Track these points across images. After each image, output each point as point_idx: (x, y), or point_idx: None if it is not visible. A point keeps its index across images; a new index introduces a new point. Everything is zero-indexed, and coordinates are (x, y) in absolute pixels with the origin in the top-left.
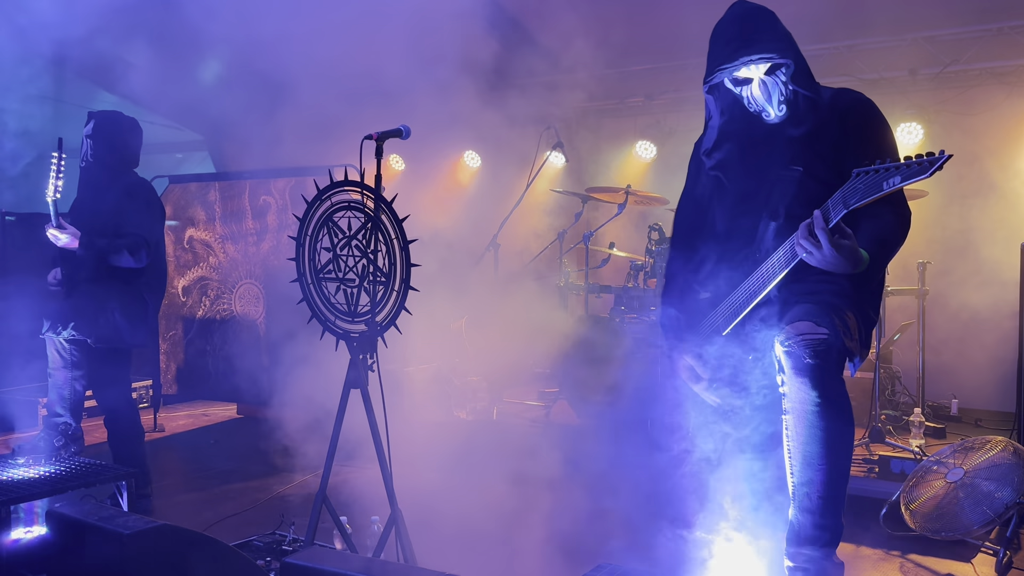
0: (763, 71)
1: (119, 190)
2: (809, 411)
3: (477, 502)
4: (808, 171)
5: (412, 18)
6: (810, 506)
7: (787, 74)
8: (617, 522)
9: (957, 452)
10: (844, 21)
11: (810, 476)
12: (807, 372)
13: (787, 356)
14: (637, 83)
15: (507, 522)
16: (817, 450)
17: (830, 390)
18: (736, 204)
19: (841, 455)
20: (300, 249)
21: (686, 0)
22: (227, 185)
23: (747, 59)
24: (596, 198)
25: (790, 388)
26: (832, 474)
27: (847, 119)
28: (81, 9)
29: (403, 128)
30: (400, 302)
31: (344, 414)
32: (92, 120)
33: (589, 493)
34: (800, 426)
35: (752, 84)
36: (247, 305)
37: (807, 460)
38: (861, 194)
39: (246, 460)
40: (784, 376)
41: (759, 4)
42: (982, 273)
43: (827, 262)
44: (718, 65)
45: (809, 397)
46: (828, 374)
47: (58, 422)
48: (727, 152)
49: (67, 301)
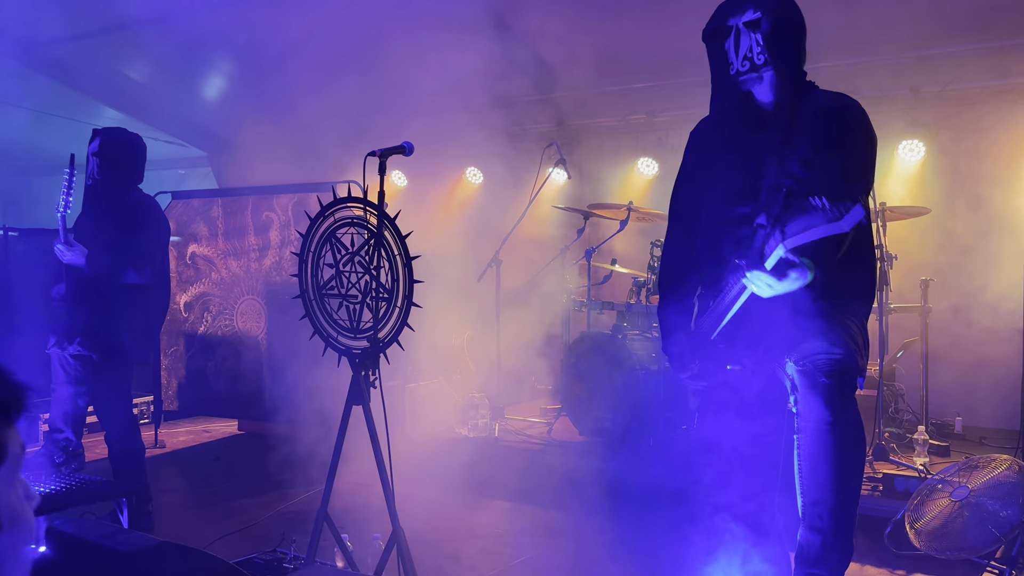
0: (743, 21)
1: (125, 207)
2: (822, 431)
3: (478, 520)
4: (798, 173)
5: (416, 36)
6: (821, 526)
7: (763, 34)
8: (619, 541)
9: (962, 470)
10: (846, 39)
11: (821, 496)
12: (822, 392)
13: (801, 375)
14: (639, 100)
15: (509, 541)
16: (829, 470)
17: (844, 410)
18: (724, 202)
19: (853, 476)
20: (303, 265)
21: (688, 18)
22: (230, 201)
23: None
24: (598, 215)
25: (804, 407)
26: (843, 495)
27: (832, 121)
28: (85, 26)
29: (406, 145)
30: (403, 318)
31: (346, 430)
32: (98, 137)
33: (590, 512)
34: (812, 445)
35: (733, 34)
36: (249, 321)
37: (818, 480)
38: (795, 228)
39: (247, 477)
40: (798, 395)
41: None
42: (985, 290)
43: (772, 291)
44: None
45: (823, 416)
46: (842, 394)
47: (59, 438)
48: (715, 141)
49: (73, 316)
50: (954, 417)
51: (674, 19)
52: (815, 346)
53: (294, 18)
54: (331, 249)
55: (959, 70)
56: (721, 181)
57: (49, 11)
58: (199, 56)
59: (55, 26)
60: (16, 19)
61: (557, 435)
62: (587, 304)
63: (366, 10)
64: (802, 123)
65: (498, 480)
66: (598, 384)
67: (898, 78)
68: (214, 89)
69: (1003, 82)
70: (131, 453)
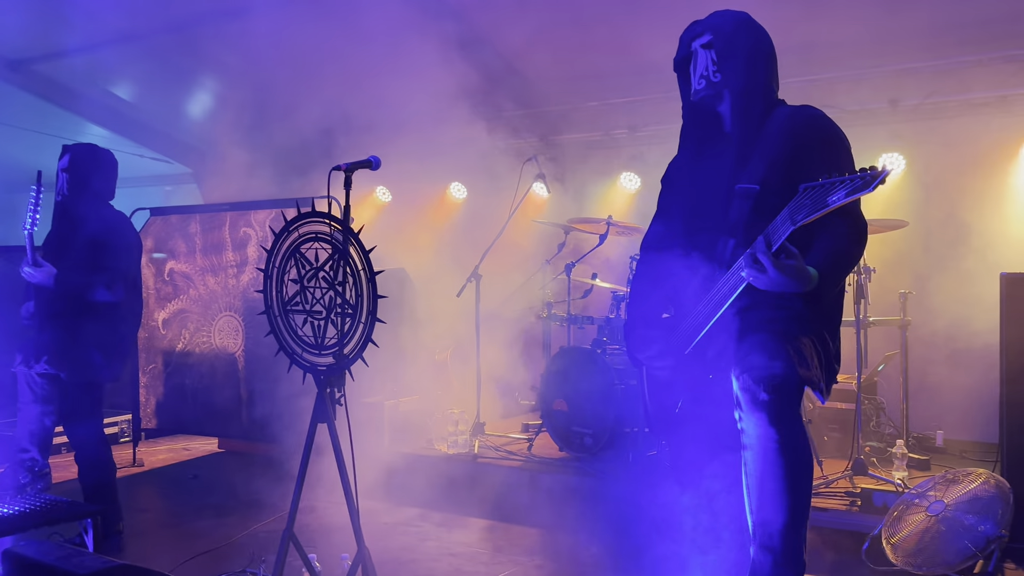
0: (701, 43)
1: (95, 224)
2: (767, 447)
3: (455, 539)
4: (764, 188)
5: (398, 51)
6: (770, 545)
7: (717, 53)
8: (598, 560)
9: (939, 484)
10: (824, 53)
11: (770, 515)
12: (763, 408)
13: (742, 392)
14: (621, 115)
15: (485, 560)
16: (776, 487)
17: (787, 426)
18: (693, 219)
19: (801, 492)
20: (268, 281)
21: (670, 32)
22: (208, 217)
23: (690, 30)
24: (578, 229)
25: (747, 424)
26: (792, 512)
27: (802, 135)
28: (71, 43)
29: (372, 159)
30: (367, 334)
31: (311, 448)
32: (67, 153)
33: (569, 530)
34: (759, 463)
35: (694, 57)
36: (226, 338)
37: (766, 497)
38: (808, 210)
39: (224, 495)
40: (741, 412)
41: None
42: (964, 303)
43: (774, 284)
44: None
45: (767, 433)
46: (784, 409)
47: (24, 458)
48: (683, 164)
49: (41, 335)
50: (935, 430)
51: (656, 33)
52: (755, 360)
53: (280, 34)
54: (296, 264)
55: (937, 83)
56: (690, 200)
57: (34, 29)
58: (184, 73)
59: (40, 43)
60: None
61: (538, 451)
62: (567, 318)
63: (350, 28)
64: (767, 138)
65: (476, 497)
66: (578, 399)
67: (876, 92)
68: (199, 106)
69: (983, 95)
70: (101, 472)
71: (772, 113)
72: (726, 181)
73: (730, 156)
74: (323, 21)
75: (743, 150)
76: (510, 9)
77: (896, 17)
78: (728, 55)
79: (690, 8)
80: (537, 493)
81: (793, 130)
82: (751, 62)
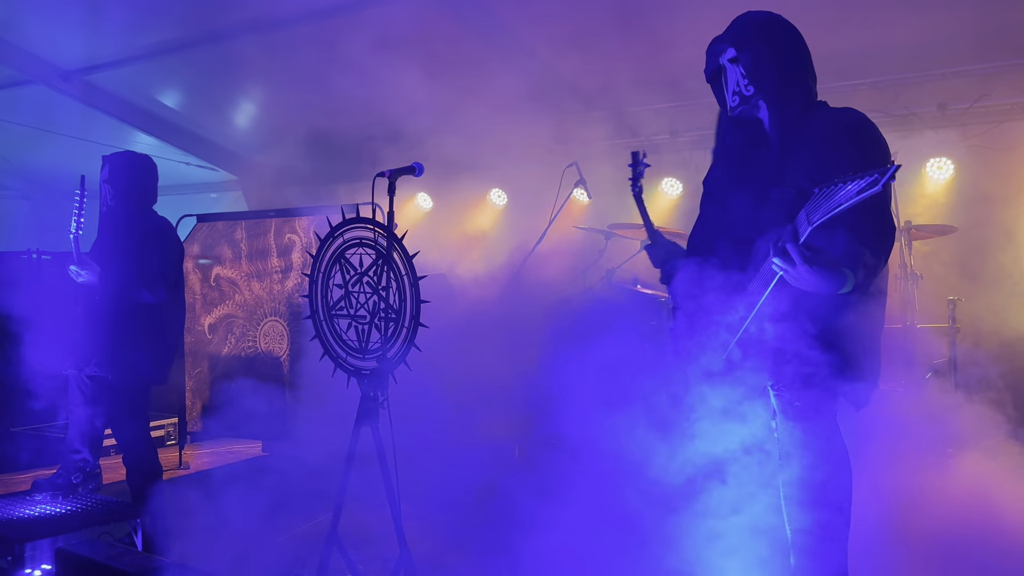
0: (727, 59)
1: (140, 231)
2: (803, 456)
3: (497, 542)
4: (801, 191)
5: (440, 60)
6: (811, 553)
7: (745, 67)
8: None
9: None
10: (872, 58)
11: (808, 523)
12: (798, 416)
13: (778, 400)
14: (663, 120)
15: (525, 559)
16: (813, 497)
17: (823, 433)
18: (731, 226)
19: (840, 500)
20: (313, 286)
21: (711, 37)
22: (253, 224)
23: (714, 46)
24: (619, 235)
25: (782, 433)
26: (831, 520)
27: (839, 139)
28: (117, 52)
29: (416, 165)
30: (410, 339)
31: (356, 451)
32: (107, 165)
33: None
34: (795, 471)
35: (724, 73)
36: (272, 343)
37: (804, 506)
38: (822, 210)
39: (268, 498)
40: (776, 420)
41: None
42: (1016, 309)
43: (803, 280)
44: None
45: (801, 441)
46: (820, 417)
47: (76, 459)
48: (720, 170)
49: (89, 338)
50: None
51: (697, 39)
52: (790, 369)
53: (325, 41)
54: (340, 270)
55: (987, 87)
56: (729, 205)
57: (84, 41)
58: (230, 81)
59: (90, 54)
60: (52, 47)
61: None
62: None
63: (393, 39)
64: (806, 142)
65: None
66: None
67: (925, 96)
68: (245, 114)
69: None
70: (148, 474)
71: (812, 115)
72: (765, 186)
73: (770, 161)
74: (362, 32)
75: (782, 155)
76: (547, 12)
77: (945, 21)
78: (756, 67)
79: (727, 10)
80: (569, 499)
81: (831, 134)
82: (780, 68)
